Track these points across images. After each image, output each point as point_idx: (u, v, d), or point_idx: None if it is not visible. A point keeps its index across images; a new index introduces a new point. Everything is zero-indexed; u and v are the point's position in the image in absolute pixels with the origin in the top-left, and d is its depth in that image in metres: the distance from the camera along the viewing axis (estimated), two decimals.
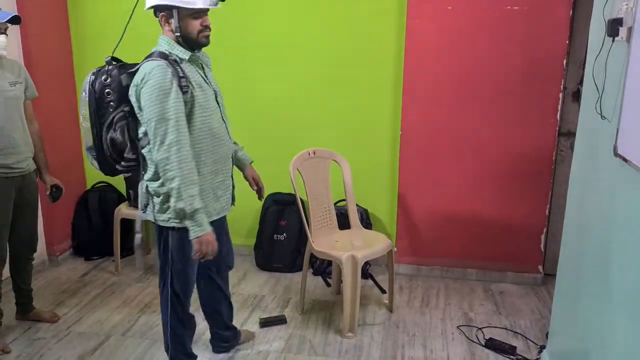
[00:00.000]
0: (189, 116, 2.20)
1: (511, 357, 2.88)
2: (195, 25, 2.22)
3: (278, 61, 3.89)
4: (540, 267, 3.74)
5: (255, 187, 2.75)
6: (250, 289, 3.66)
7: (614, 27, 1.96)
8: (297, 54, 3.86)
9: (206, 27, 2.24)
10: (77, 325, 3.18)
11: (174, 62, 2.18)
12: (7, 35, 2.72)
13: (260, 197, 2.78)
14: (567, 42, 3.40)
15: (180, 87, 2.15)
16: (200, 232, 2.18)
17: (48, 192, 3.07)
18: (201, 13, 2.21)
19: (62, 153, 3.91)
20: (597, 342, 2.06)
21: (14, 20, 2.70)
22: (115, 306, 3.42)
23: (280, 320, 3.21)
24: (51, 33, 3.90)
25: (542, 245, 3.70)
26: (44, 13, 3.79)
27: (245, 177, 2.72)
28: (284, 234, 3.92)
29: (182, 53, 2.24)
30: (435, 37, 3.52)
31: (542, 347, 2.89)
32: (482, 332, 3.12)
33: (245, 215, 4.16)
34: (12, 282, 3.12)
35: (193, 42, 2.25)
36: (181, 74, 2.16)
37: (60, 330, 3.12)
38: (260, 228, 4.01)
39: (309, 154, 3.33)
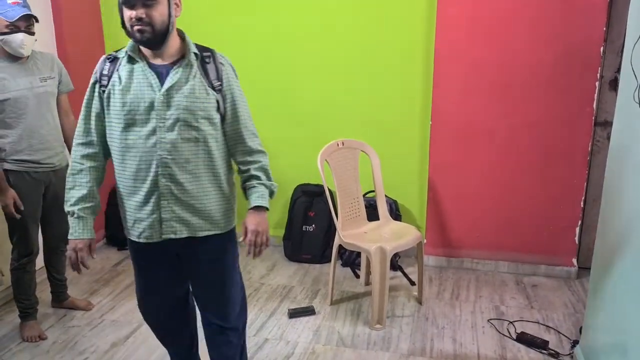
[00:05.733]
0: (108, 120, 1.97)
1: (543, 351, 2.83)
2: (126, 15, 1.84)
3: (306, 52, 3.87)
4: (574, 260, 3.66)
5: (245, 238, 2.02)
6: (279, 279, 3.68)
7: None
8: (325, 44, 3.83)
9: (138, 20, 1.81)
10: (110, 313, 3.25)
11: (113, 58, 1.95)
12: (30, 33, 2.68)
13: (248, 253, 2.01)
14: (605, 28, 3.29)
15: (100, 84, 1.95)
16: (70, 236, 1.99)
17: None
18: (131, 2, 1.81)
19: None
20: (634, 338, 2.00)
21: (28, 18, 2.65)
22: None
23: (309, 311, 3.22)
24: (83, 25, 3.97)
25: (576, 238, 3.61)
26: (76, 5, 3.86)
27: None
28: (313, 225, 3.92)
29: (127, 48, 1.94)
30: (467, 24, 3.45)
31: (575, 342, 2.83)
32: (514, 326, 3.07)
33: (274, 206, 4.16)
34: (46, 271, 3.21)
35: (130, 37, 1.90)
36: (105, 72, 1.93)
37: (94, 318, 3.19)
38: (289, 219, 4.02)
39: (338, 144, 3.32)
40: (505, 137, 3.56)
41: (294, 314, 3.19)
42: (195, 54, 1.93)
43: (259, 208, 1.99)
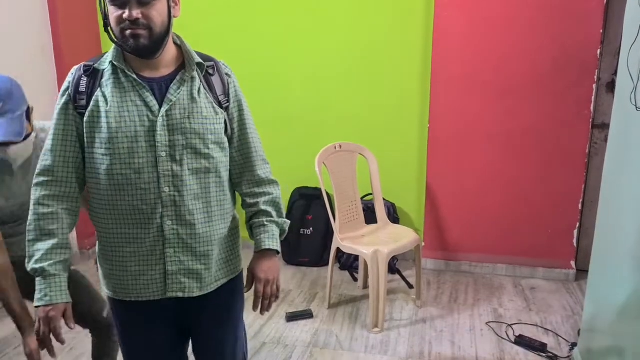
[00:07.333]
0: (89, 150, 1.53)
1: (541, 354, 2.82)
2: (114, 16, 1.46)
3: (303, 54, 3.87)
4: (572, 263, 3.66)
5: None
6: None
7: None
8: (322, 46, 3.84)
9: (133, 22, 1.43)
10: None
11: (91, 71, 1.53)
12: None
13: (255, 307, 1.66)
14: (602, 30, 3.30)
15: (75, 105, 1.51)
16: (37, 302, 1.49)
17: None
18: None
19: None
20: (632, 341, 1.99)
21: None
22: None
23: (306, 315, 3.21)
24: (81, 31, 3.97)
25: (574, 240, 3.61)
26: (73, 10, 3.86)
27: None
28: (311, 229, 3.92)
29: (110, 57, 1.54)
30: (464, 26, 3.46)
31: (574, 345, 2.82)
32: (512, 329, 3.07)
33: None
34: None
35: (119, 42, 1.49)
36: (82, 88, 1.51)
37: None
38: None
39: (335, 147, 3.31)
40: (503, 140, 3.57)
41: (292, 317, 3.18)
42: (199, 64, 1.58)
43: (268, 251, 1.65)
